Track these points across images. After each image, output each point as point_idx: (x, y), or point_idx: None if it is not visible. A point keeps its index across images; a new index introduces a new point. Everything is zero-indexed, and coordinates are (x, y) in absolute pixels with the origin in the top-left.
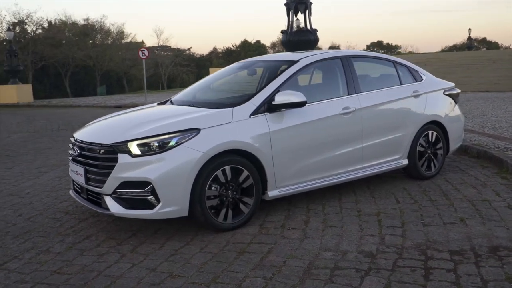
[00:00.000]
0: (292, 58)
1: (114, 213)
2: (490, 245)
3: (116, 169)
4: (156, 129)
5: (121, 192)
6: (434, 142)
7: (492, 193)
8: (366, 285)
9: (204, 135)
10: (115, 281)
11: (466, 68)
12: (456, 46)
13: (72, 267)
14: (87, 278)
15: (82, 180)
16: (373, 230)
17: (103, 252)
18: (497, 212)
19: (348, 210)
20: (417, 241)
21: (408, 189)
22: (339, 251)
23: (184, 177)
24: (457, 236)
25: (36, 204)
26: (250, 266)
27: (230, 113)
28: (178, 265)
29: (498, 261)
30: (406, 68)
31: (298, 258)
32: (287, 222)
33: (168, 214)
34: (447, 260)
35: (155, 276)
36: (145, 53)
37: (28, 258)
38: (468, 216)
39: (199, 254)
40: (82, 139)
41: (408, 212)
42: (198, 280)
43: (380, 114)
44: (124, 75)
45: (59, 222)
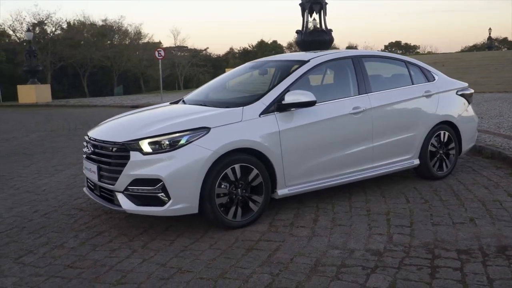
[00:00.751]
0: (303, 58)
1: (125, 209)
2: (499, 244)
3: (128, 167)
4: (167, 127)
5: (132, 189)
6: (446, 142)
7: (504, 193)
8: (371, 282)
9: (214, 133)
10: (126, 275)
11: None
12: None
13: (84, 261)
14: (99, 272)
15: (95, 177)
16: (382, 229)
17: (115, 247)
18: (507, 212)
19: (357, 209)
20: (425, 240)
21: (419, 189)
22: (347, 249)
23: (194, 175)
24: (466, 235)
25: (51, 201)
26: (258, 262)
27: (240, 112)
28: (187, 261)
29: (505, 260)
30: (418, 68)
31: (305, 256)
32: (296, 220)
33: (178, 211)
34: (454, 259)
35: (164, 271)
36: (161, 54)
37: (42, 253)
38: (478, 216)
39: (208, 250)
40: (96, 137)
41: (418, 211)
42: (206, 275)
43: (391, 114)
44: (141, 76)
45: (74, 219)
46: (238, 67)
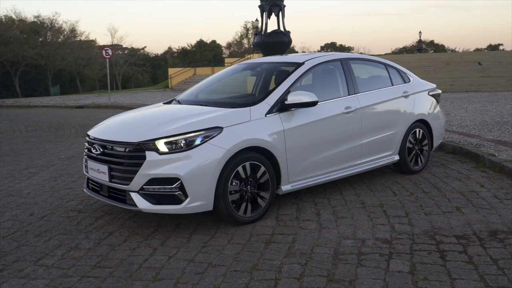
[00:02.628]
0: (297, 60)
1: (141, 209)
2: (489, 229)
3: (144, 166)
4: (182, 127)
5: (148, 188)
6: (420, 139)
7: (477, 184)
8: (393, 267)
9: (226, 133)
10: (160, 272)
11: (423, 70)
12: (406, 48)
13: (109, 261)
14: (130, 271)
15: (105, 178)
16: (382, 220)
17: (133, 246)
18: (486, 201)
19: (352, 202)
20: (424, 228)
21: (401, 183)
22: (357, 239)
23: (210, 173)
24: (457, 223)
25: (42, 204)
26: (282, 254)
27: (248, 112)
28: (213, 256)
29: (500, 243)
30: (395, 70)
31: (323, 246)
32: (300, 214)
33: (195, 208)
34: (455, 244)
35: (196, 266)
36: (108, 52)
37: (60, 255)
38: (462, 205)
39: (228, 245)
40: (105, 138)
41: (408, 203)
42: (238, 268)
43: (376, 113)
44: (78, 75)
45: (75, 220)
46: (229, 68)
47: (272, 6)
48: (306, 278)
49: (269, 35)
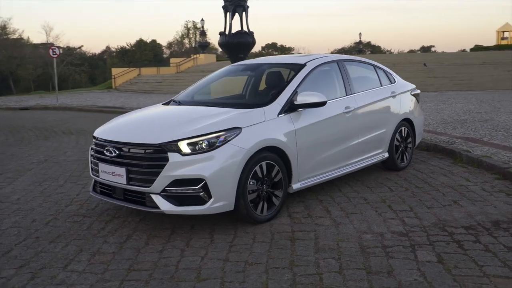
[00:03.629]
0: (299, 61)
1: (164, 210)
2: (490, 220)
3: (167, 168)
4: (204, 128)
5: (170, 190)
6: (405, 137)
7: (462, 179)
8: (421, 257)
9: (245, 133)
10: (200, 272)
11: None
12: (344, 49)
13: (141, 264)
14: (169, 272)
15: (122, 180)
16: (390, 214)
17: (159, 249)
18: (477, 194)
19: (355, 199)
20: (431, 221)
21: (392, 179)
22: (375, 233)
23: (232, 173)
24: (459, 215)
25: (40, 209)
26: (311, 250)
27: (262, 112)
28: (245, 254)
29: (505, 232)
30: (382, 71)
31: (346, 241)
32: (310, 212)
33: (218, 209)
34: (466, 234)
35: (233, 265)
36: (56, 52)
37: (86, 260)
38: (457, 198)
39: (255, 244)
40: (119, 140)
41: (407, 198)
42: (277, 265)
43: (370, 112)
44: (10, 75)
45: (85, 225)
46: (225, 69)
47: (236, 7)
48: (346, 271)
49: (234, 35)
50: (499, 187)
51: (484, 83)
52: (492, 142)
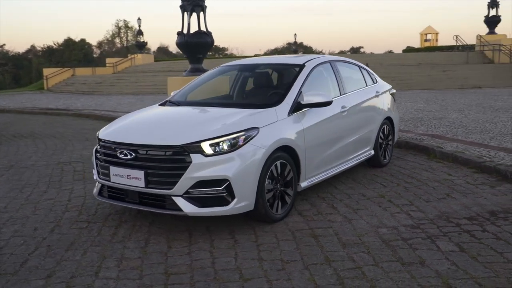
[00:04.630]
0: (297, 62)
1: (187, 213)
2: (486, 211)
3: (190, 169)
4: (224, 128)
5: (194, 191)
6: (387, 135)
7: (444, 173)
8: (443, 247)
9: (263, 133)
10: (241, 272)
11: None
12: (277, 50)
13: (176, 267)
14: (210, 274)
15: (140, 183)
16: (394, 209)
17: (185, 251)
18: (464, 187)
19: (354, 195)
20: (435, 214)
21: (379, 175)
22: (388, 227)
23: (253, 173)
24: (457, 207)
25: (35, 217)
26: (338, 245)
27: (274, 112)
28: (276, 253)
29: (505, 220)
30: (366, 71)
31: (366, 235)
32: (318, 209)
33: (240, 209)
34: (472, 224)
35: (270, 263)
36: None
37: (115, 266)
38: (448, 192)
39: (281, 242)
40: (135, 142)
41: (402, 193)
42: (314, 261)
43: (361, 111)
44: None
45: (94, 231)
46: (220, 69)
47: (194, 6)
48: (382, 264)
49: (193, 35)
50: (480, 180)
51: (423, 83)
52: (457, 138)
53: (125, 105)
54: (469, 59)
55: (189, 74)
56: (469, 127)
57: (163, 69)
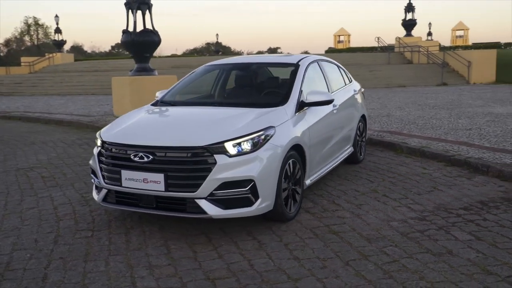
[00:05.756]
0: (291, 61)
1: (212, 215)
2: (476, 201)
3: (215, 171)
4: (245, 128)
5: (218, 193)
6: (362, 132)
7: (419, 168)
8: (460, 236)
9: (278, 132)
10: (286, 272)
11: None
12: (196, 50)
13: (215, 272)
14: (255, 277)
15: (158, 187)
16: (392, 203)
17: (214, 255)
18: (444, 180)
19: (348, 191)
20: (432, 206)
21: (360, 171)
22: (397, 220)
23: (273, 172)
24: (448, 199)
25: (28, 228)
26: (364, 241)
27: (284, 111)
28: (308, 251)
29: (497, 209)
30: (343, 71)
31: (383, 229)
32: (322, 206)
33: (263, 209)
34: (471, 214)
35: (308, 262)
36: None
37: (149, 275)
38: (432, 185)
39: (307, 240)
40: (151, 144)
41: (392, 187)
42: (351, 257)
43: (345, 109)
44: None
45: (104, 240)
46: (209, 67)
47: (140, 4)
48: (415, 256)
49: (140, 34)
50: (455, 173)
51: None
52: (414, 134)
53: (57, 106)
54: (390, 59)
55: (135, 73)
56: (419, 124)
57: (88, 68)
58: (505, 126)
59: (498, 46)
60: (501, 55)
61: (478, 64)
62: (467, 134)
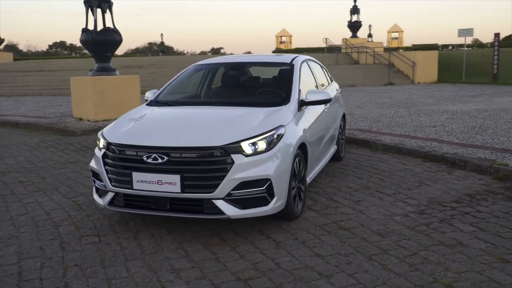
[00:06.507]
0: (285, 60)
1: (230, 215)
2: (463, 194)
3: (233, 171)
4: (259, 127)
5: (235, 193)
6: (342, 130)
7: (400, 164)
8: (464, 228)
9: (288, 131)
10: (315, 269)
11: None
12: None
13: (244, 272)
14: (287, 275)
15: (174, 189)
16: (388, 198)
17: (236, 256)
18: (427, 175)
19: (341, 188)
20: (425, 200)
21: (345, 168)
22: (398, 214)
23: (286, 171)
24: (437, 192)
25: (26, 235)
26: (376, 235)
27: (289, 110)
28: (327, 248)
29: (486, 201)
30: (325, 70)
31: (390, 224)
32: (323, 203)
33: (277, 208)
34: (464, 206)
35: (333, 258)
36: None
37: (176, 278)
38: (420, 179)
39: (323, 237)
40: (168, 145)
41: (380, 183)
42: (372, 252)
43: (332, 108)
44: None
45: (114, 245)
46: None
47: (101, 2)
48: (431, 248)
49: (101, 32)
50: (434, 168)
51: None
52: (384, 132)
53: (6, 108)
54: (338, 60)
55: (96, 73)
56: (384, 122)
57: (32, 68)
58: (465, 123)
59: (436, 48)
60: (440, 56)
61: (421, 64)
62: (434, 131)
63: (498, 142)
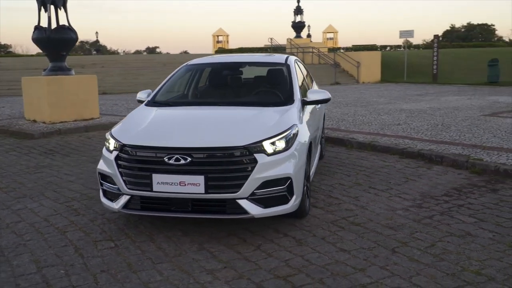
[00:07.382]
0: (279, 60)
1: (254, 215)
2: (450, 188)
3: (257, 170)
4: (278, 126)
5: (258, 192)
6: (323, 129)
7: (380, 161)
8: (465, 219)
9: (300, 129)
10: (348, 264)
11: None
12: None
13: (279, 270)
14: (322, 271)
15: (197, 190)
16: (383, 193)
17: (263, 255)
18: (410, 171)
19: (336, 185)
20: (418, 194)
21: (330, 166)
22: (400, 208)
23: (303, 169)
24: (425, 187)
25: (34, 243)
26: (388, 230)
27: (296, 110)
28: (349, 244)
29: (473, 194)
30: (307, 71)
31: (395, 218)
32: (323, 200)
33: (295, 206)
34: (456, 199)
35: (359, 253)
36: None
37: (214, 279)
38: (404, 175)
39: (339, 234)
40: (191, 145)
41: (369, 179)
42: (392, 245)
43: (320, 107)
44: None
45: (134, 249)
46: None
47: None
48: (445, 239)
49: (56, 30)
50: (413, 164)
51: None
52: (353, 130)
53: None
54: None
55: (50, 73)
56: (349, 120)
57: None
58: (426, 121)
59: (375, 48)
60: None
61: (366, 64)
62: (401, 129)
63: (465, 138)
